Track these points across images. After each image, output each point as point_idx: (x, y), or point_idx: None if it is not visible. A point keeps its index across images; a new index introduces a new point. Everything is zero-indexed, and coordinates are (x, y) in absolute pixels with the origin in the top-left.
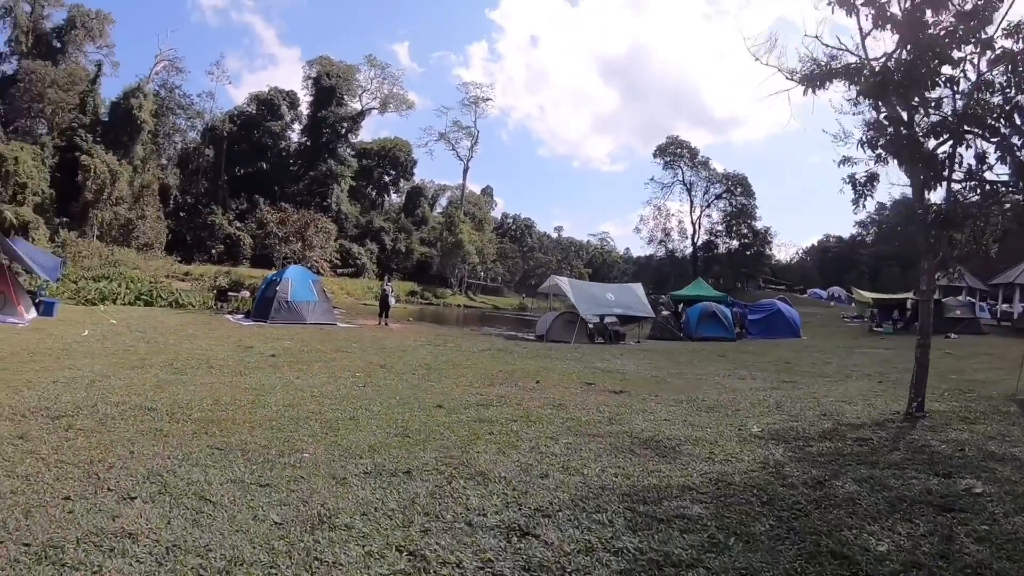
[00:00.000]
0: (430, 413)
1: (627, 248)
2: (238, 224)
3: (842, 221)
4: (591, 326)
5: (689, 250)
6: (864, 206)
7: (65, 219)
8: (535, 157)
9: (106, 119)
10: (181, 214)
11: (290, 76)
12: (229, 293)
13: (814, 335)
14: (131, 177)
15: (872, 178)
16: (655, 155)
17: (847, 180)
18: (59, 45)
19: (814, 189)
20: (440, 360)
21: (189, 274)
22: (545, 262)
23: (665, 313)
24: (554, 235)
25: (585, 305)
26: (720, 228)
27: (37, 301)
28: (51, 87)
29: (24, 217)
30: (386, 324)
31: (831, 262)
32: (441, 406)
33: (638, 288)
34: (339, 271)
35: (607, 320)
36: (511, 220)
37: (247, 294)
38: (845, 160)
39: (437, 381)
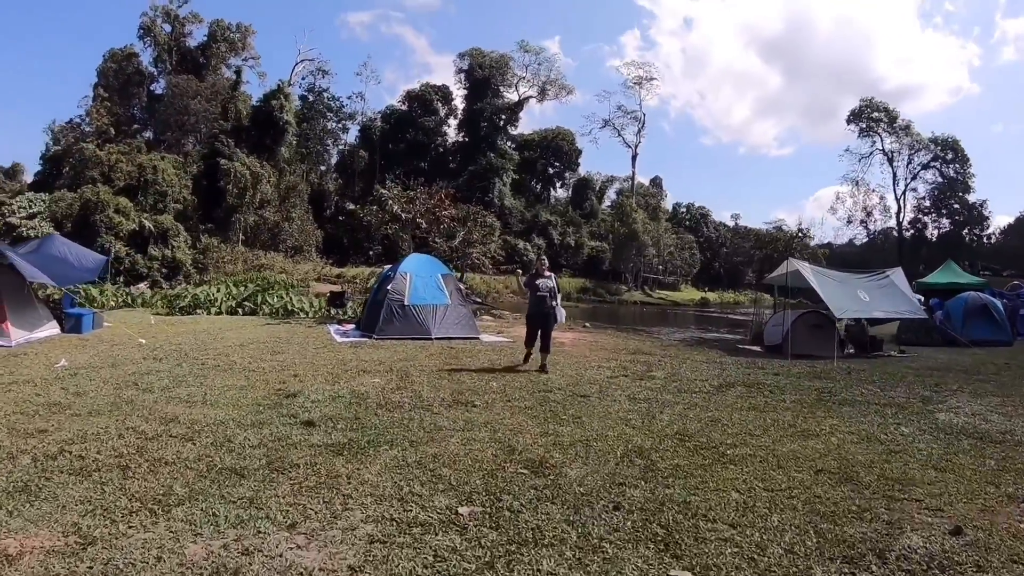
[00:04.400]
0: None
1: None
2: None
3: None
4: (842, 331)
5: (881, 229)
6: None
7: (210, 225)
8: (699, 147)
9: (248, 124)
10: (341, 218)
11: (448, 82)
12: (345, 297)
13: None
14: (277, 180)
15: None
16: (848, 121)
17: None
18: (203, 60)
19: (1000, 160)
20: (660, 427)
21: (341, 276)
22: (768, 240)
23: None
24: (731, 223)
25: (840, 302)
26: (927, 204)
27: (60, 313)
28: (195, 99)
29: (164, 224)
30: (543, 369)
31: None
32: None
33: (897, 276)
34: (503, 268)
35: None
36: (684, 209)
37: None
38: None
39: (694, 550)
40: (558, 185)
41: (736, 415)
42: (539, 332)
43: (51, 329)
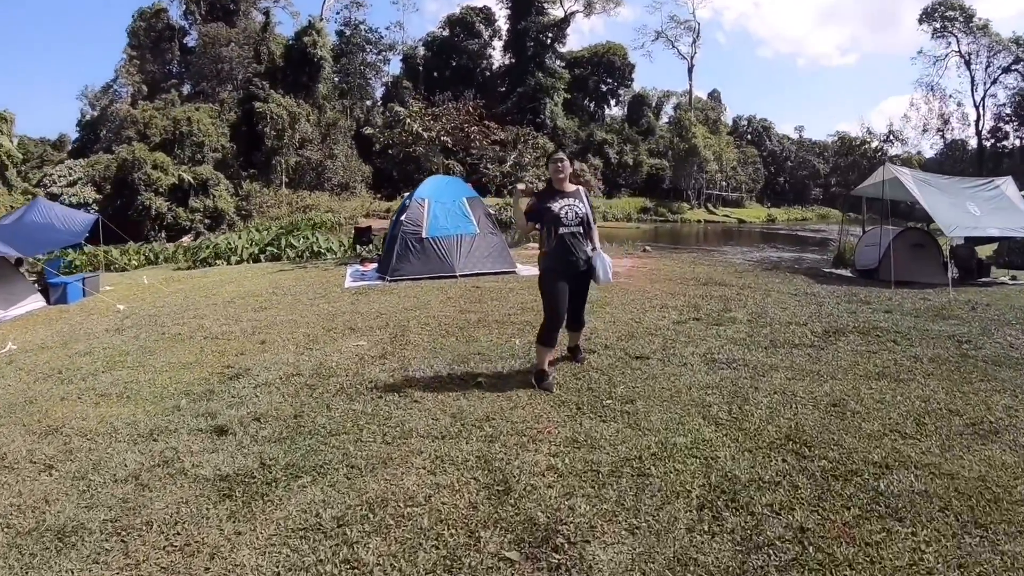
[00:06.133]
0: None
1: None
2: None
3: None
4: (946, 253)
5: (956, 139)
6: None
7: (252, 171)
8: (756, 59)
9: (283, 64)
10: (389, 152)
11: (490, 3)
12: (372, 233)
13: None
14: (317, 118)
15: None
16: (920, 21)
17: None
18: (233, 6)
19: None
20: (758, 423)
21: (390, 210)
22: (858, 145)
23: None
24: (795, 136)
25: (949, 217)
26: (1008, 112)
27: (41, 285)
28: (227, 46)
29: (203, 175)
30: (575, 354)
31: None
32: None
33: (1008, 186)
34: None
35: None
36: (745, 122)
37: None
38: None
39: None
40: (612, 103)
41: (865, 389)
42: (567, 303)
43: (34, 303)
